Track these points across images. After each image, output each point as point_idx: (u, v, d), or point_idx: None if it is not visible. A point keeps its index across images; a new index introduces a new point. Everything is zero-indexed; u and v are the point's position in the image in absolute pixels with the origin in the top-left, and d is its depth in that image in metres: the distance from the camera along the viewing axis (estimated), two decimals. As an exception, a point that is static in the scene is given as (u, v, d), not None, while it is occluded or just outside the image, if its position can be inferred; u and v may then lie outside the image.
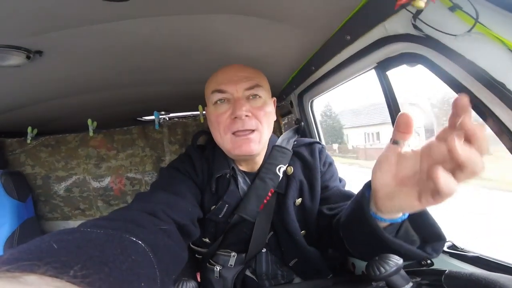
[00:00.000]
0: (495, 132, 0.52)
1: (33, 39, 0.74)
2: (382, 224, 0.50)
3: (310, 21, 0.78)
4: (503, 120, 0.50)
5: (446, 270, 0.40)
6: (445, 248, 0.72)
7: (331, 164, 0.84)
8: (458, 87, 0.55)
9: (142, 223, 0.48)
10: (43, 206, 1.88)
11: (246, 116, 0.71)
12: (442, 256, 0.72)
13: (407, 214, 0.50)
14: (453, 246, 0.73)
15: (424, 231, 0.51)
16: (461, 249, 0.71)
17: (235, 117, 0.70)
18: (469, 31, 0.45)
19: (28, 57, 0.80)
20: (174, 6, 0.70)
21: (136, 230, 0.44)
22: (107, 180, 1.86)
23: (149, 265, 0.39)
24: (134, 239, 0.40)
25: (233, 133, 0.72)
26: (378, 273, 0.44)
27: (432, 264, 0.73)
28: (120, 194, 1.87)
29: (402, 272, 0.46)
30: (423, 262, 0.74)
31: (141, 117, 2.17)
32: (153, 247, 0.41)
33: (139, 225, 0.47)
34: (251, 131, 0.72)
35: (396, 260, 0.45)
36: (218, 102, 0.74)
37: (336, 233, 0.65)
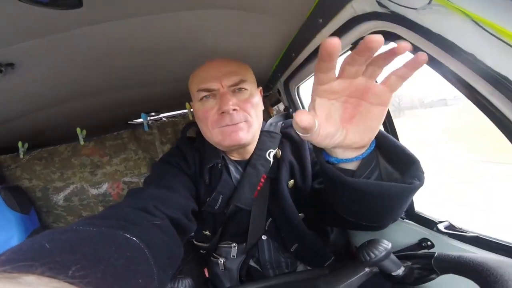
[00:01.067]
0: (474, 103, 0.52)
1: (2, 52, 0.73)
2: (349, 166, 0.49)
3: (283, 8, 0.77)
4: (479, 90, 0.50)
5: (435, 253, 0.40)
6: (442, 229, 0.71)
7: None
8: (431, 62, 0.55)
9: (135, 220, 0.47)
10: (46, 217, 1.89)
11: (234, 110, 0.70)
12: (441, 237, 0.72)
13: (372, 146, 0.48)
14: (451, 226, 0.72)
15: (395, 159, 0.49)
16: (459, 228, 0.70)
17: (223, 112, 0.70)
18: (428, 3, 0.45)
19: (0, 71, 0.79)
20: (148, 5, 0.69)
21: (130, 226, 0.43)
22: (104, 186, 1.87)
23: (145, 261, 0.39)
24: (128, 235, 0.40)
25: (221, 127, 0.72)
26: (368, 258, 0.44)
27: (432, 245, 0.73)
28: (119, 198, 1.88)
29: (393, 257, 0.46)
30: (423, 244, 0.74)
31: (132, 121, 2.16)
32: (147, 243, 0.41)
33: (132, 222, 0.46)
34: (240, 122, 0.72)
35: (385, 245, 0.45)
36: (204, 98, 0.73)
37: (327, 206, 0.65)
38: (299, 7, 0.75)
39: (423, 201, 0.84)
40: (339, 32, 0.74)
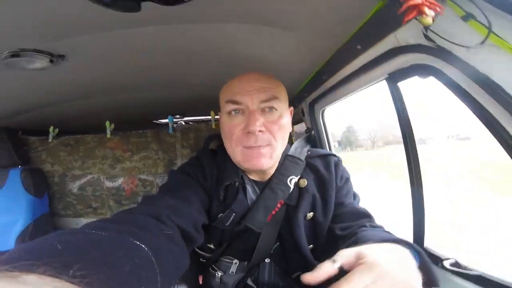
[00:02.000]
0: (504, 147, 0.50)
1: (56, 44, 0.79)
2: None
3: (322, 29, 0.78)
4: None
5: None
6: (447, 266, 0.71)
7: (347, 179, 0.82)
8: (470, 101, 0.53)
9: (146, 227, 0.48)
10: (57, 203, 1.95)
11: (260, 131, 0.69)
12: (444, 273, 0.70)
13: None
14: (456, 264, 0.71)
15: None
16: (464, 267, 0.69)
17: (248, 132, 0.69)
18: (482, 42, 0.43)
19: (51, 61, 0.85)
20: (189, 14, 0.72)
21: (140, 233, 0.44)
22: (120, 181, 1.91)
23: (151, 269, 0.39)
24: (138, 242, 0.40)
25: (245, 147, 0.71)
26: None
27: None
28: (131, 194, 1.91)
29: None
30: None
31: (157, 120, 2.23)
32: (155, 251, 0.41)
33: (143, 229, 0.46)
34: (263, 146, 0.71)
35: None
36: (233, 112, 0.72)
37: None
38: (338, 31, 0.75)
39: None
40: (377, 61, 0.74)
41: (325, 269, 0.42)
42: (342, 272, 0.41)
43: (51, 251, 0.30)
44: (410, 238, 0.84)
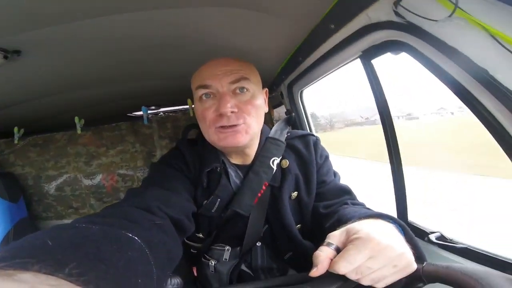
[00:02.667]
0: (477, 116, 0.52)
1: (10, 39, 0.72)
2: None
3: (295, 11, 0.76)
4: (486, 106, 0.50)
5: (424, 263, 0.41)
6: (433, 239, 0.72)
7: (327, 157, 0.83)
8: (441, 74, 0.54)
9: (136, 219, 0.47)
10: (36, 206, 1.86)
11: (232, 112, 0.69)
12: (431, 247, 0.73)
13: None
14: (442, 237, 0.73)
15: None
16: (450, 239, 0.71)
17: (220, 114, 0.68)
18: (449, 16, 0.44)
19: (5, 57, 0.78)
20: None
21: (131, 226, 0.43)
22: (98, 178, 1.85)
23: (146, 261, 0.38)
24: (130, 235, 0.39)
25: (218, 127, 0.70)
26: None
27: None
28: (112, 191, 1.86)
29: None
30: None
31: (131, 113, 2.14)
32: (148, 243, 0.41)
33: (134, 221, 0.46)
34: (237, 125, 0.70)
35: None
36: (203, 97, 0.71)
37: (324, 232, 0.67)
38: (312, 11, 0.74)
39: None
40: (350, 39, 0.74)
41: (326, 255, 0.43)
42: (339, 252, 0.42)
43: (44, 248, 0.29)
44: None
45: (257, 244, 0.81)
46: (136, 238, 0.39)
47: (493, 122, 0.50)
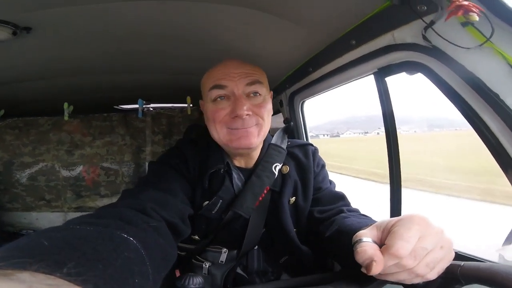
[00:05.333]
0: (485, 143, 0.57)
1: (23, 15, 0.69)
2: None
3: (318, 21, 0.78)
4: (493, 131, 0.55)
5: (462, 263, 0.39)
6: None
7: (323, 166, 0.88)
8: (456, 98, 0.59)
9: (131, 220, 0.47)
10: (1, 195, 1.71)
11: (247, 115, 0.71)
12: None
13: None
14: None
15: None
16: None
17: (236, 116, 0.70)
18: (480, 45, 0.49)
19: (14, 33, 0.75)
20: None
21: (126, 227, 0.43)
22: (79, 169, 1.74)
23: (141, 261, 0.38)
24: (126, 235, 0.39)
25: (231, 128, 0.72)
26: None
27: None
28: (92, 184, 1.76)
29: None
30: None
31: (123, 105, 2.06)
32: (144, 244, 0.41)
33: (129, 222, 0.45)
34: (251, 126, 0.72)
35: None
36: (218, 99, 0.72)
37: (323, 240, 0.70)
38: (335, 25, 0.77)
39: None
40: (369, 56, 0.78)
41: (372, 247, 0.40)
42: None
43: (41, 248, 0.29)
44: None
45: (254, 247, 0.81)
46: (131, 239, 0.40)
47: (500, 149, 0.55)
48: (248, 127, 0.72)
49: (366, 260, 0.39)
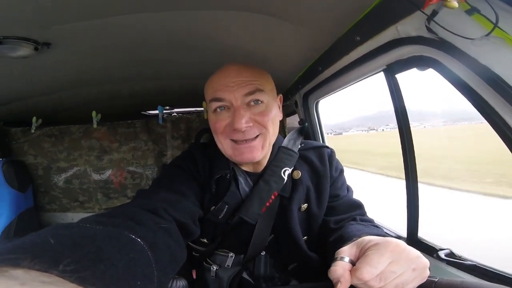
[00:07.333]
0: (503, 139, 0.51)
1: (42, 32, 0.75)
2: None
3: (319, 21, 0.76)
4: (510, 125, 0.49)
5: (437, 278, 0.40)
6: (442, 256, 0.71)
7: (342, 171, 0.82)
8: (470, 92, 0.54)
9: (142, 221, 0.47)
10: (42, 197, 1.88)
11: (247, 127, 0.69)
12: (439, 264, 0.72)
13: None
14: (451, 254, 0.72)
15: None
16: (459, 257, 0.70)
17: (235, 129, 0.68)
18: (487, 35, 0.44)
19: (36, 49, 0.81)
20: (183, 1, 0.69)
21: (136, 227, 0.43)
22: (108, 173, 1.86)
23: (147, 263, 0.38)
24: (133, 236, 0.40)
25: (233, 140, 0.70)
26: None
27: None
28: (120, 187, 1.87)
29: None
30: None
31: (145, 111, 2.18)
32: (152, 245, 0.41)
33: (139, 223, 0.46)
34: (253, 139, 0.70)
35: None
36: (218, 109, 0.71)
37: (326, 245, 0.68)
38: (338, 22, 0.74)
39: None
40: (375, 52, 0.74)
41: (343, 267, 0.42)
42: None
43: (42, 245, 0.29)
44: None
45: (261, 253, 0.79)
46: (139, 240, 0.40)
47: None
48: (250, 139, 0.69)
49: (334, 279, 0.43)
